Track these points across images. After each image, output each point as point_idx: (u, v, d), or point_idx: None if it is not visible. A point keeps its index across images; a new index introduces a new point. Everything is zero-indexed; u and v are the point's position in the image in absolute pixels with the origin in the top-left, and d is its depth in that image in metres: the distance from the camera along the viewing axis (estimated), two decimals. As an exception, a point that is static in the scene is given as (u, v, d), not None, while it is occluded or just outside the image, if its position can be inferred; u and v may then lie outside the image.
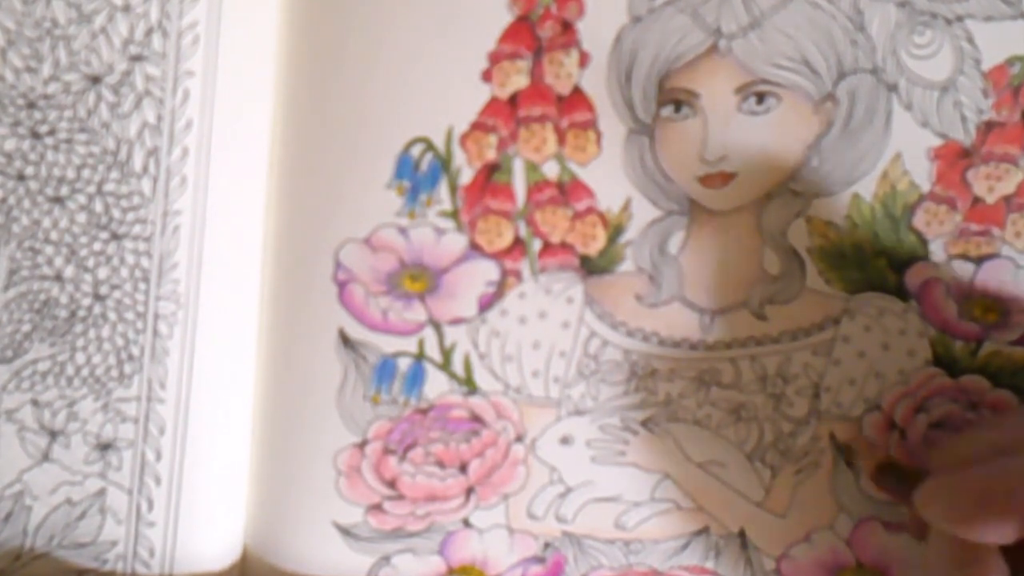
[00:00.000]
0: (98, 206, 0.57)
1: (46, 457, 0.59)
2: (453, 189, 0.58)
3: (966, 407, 0.59)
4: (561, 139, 0.57)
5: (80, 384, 0.58)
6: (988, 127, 0.57)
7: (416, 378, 0.59)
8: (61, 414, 0.58)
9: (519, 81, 0.57)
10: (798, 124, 0.57)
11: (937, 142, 0.57)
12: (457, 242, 0.58)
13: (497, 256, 0.58)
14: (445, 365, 0.59)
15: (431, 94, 0.57)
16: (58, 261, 0.58)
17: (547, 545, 0.61)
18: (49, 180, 0.57)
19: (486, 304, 0.59)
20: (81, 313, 0.58)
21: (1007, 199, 0.58)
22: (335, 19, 0.57)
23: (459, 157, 0.57)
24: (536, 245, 0.58)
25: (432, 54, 0.56)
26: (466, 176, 0.58)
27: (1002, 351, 0.59)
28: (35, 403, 0.58)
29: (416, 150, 0.57)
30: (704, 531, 0.60)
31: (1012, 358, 0.59)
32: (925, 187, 0.57)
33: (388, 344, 0.59)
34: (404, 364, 0.59)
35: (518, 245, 0.58)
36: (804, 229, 0.58)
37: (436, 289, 0.58)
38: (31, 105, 0.57)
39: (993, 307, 0.58)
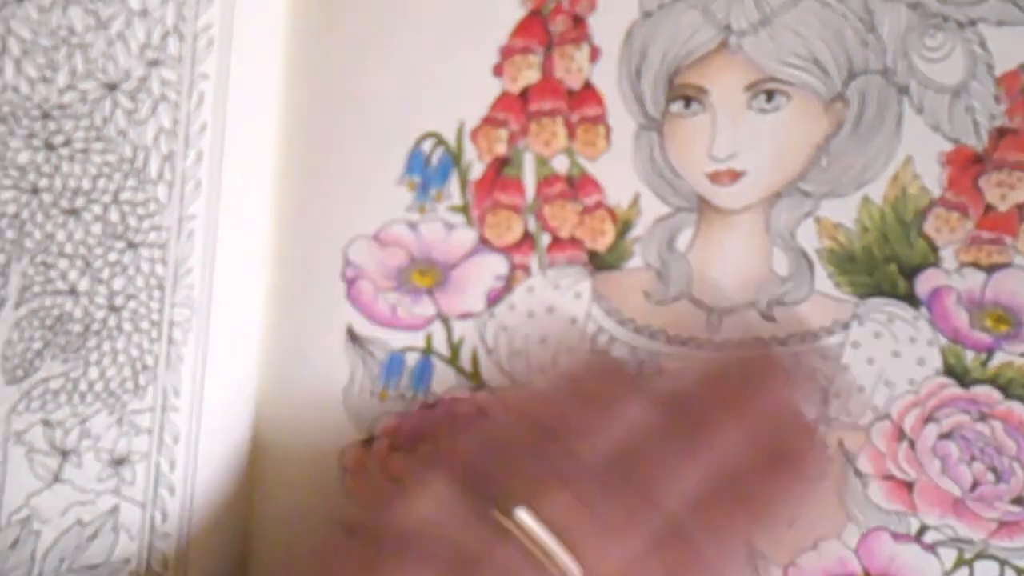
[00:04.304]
0: (114, 215, 0.57)
1: (56, 478, 0.58)
2: (463, 184, 0.58)
3: (976, 418, 0.58)
4: (571, 133, 0.58)
5: (93, 399, 0.58)
6: (1000, 133, 0.57)
7: (424, 373, 0.59)
8: (73, 432, 0.58)
9: (530, 75, 0.57)
10: (808, 123, 0.57)
11: (948, 147, 0.57)
12: (466, 237, 0.58)
13: (506, 250, 0.58)
14: (453, 360, 0.59)
15: (442, 89, 0.57)
16: (72, 274, 0.58)
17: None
18: (64, 192, 0.57)
19: (494, 299, 0.59)
20: (95, 326, 0.58)
21: (1020, 208, 0.57)
22: (346, 14, 0.57)
23: (470, 152, 0.58)
24: (545, 240, 0.58)
25: (443, 49, 0.57)
26: (476, 171, 0.58)
27: (1014, 362, 0.58)
28: (46, 423, 0.58)
29: (427, 145, 0.58)
30: (710, 539, 0.60)
31: (1023, 370, 0.58)
32: (936, 192, 0.57)
33: (396, 339, 0.59)
34: (412, 359, 0.59)
35: (527, 239, 0.58)
36: (813, 230, 0.58)
37: (445, 284, 0.58)
38: (46, 116, 0.57)
39: (1005, 318, 0.58)
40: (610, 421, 0.51)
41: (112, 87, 0.57)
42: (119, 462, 0.58)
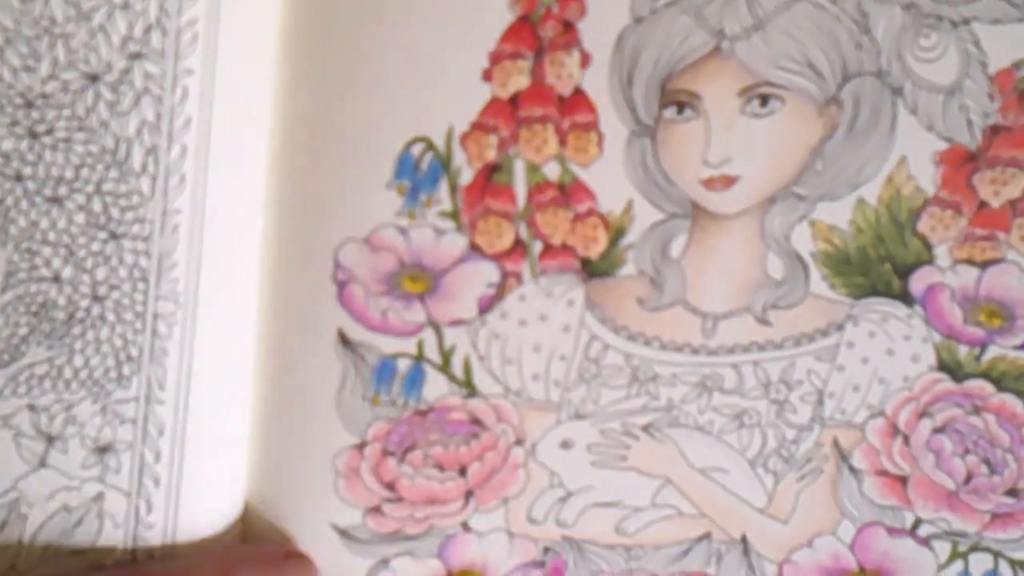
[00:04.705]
0: (97, 205, 0.57)
1: (43, 463, 0.58)
2: (453, 189, 0.57)
3: (970, 412, 0.58)
4: (562, 140, 0.57)
5: (78, 387, 0.58)
6: (994, 131, 0.57)
7: (415, 380, 0.59)
8: (59, 418, 0.58)
9: (520, 81, 0.57)
10: (802, 127, 0.57)
11: (942, 146, 0.57)
12: (457, 243, 0.58)
13: (497, 258, 0.58)
14: (444, 367, 0.59)
15: (431, 93, 0.57)
16: (56, 262, 0.57)
17: (547, 550, 0.60)
18: (47, 180, 0.56)
19: (486, 306, 0.58)
20: (79, 315, 0.57)
21: (1013, 204, 0.57)
22: (335, 16, 0.56)
23: (459, 157, 0.57)
24: (537, 247, 0.58)
25: (433, 53, 0.56)
26: (466, 176, 0.57)
27: (1006, 356, 0.58)
28: (31, 408, 0.57)
29: (416, 149, 0.57)
30: (706, 537, 0.60)
31: (1016, 363, 0.58)
32: (930, 191, 0.57)
33: (387, 345, 0.59)
34: (403, 365, 0.59)
35: (518, 247, 0.58)
36: (808, 233, 0.58)
37: (436, 290, 0.58)
38: (29, 104, 0.56)
39: (998, 312, 0.58)
40: None
41: (94, 78, 0.56)
42: (103, 450, 0.58)
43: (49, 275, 0.57)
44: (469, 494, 0.60)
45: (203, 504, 0.60)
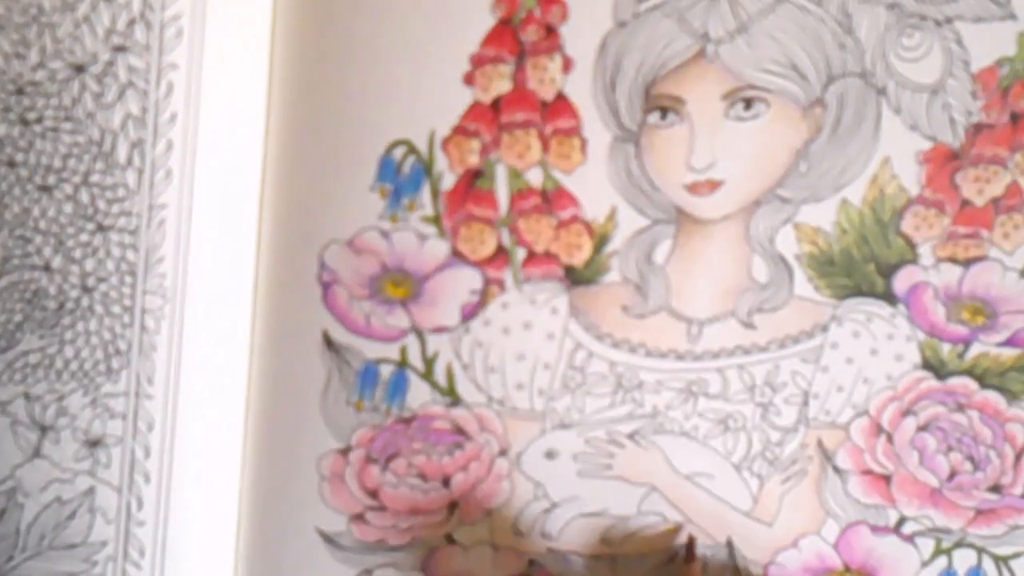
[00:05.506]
0: (84, 196, 0.57)
1: (37, 453, 0.58)
2: (435, 194, 0.57)
3: (953, 409, 0.58)
4: (545, 146, 0.57)
5: (69, 378, 0.58)
6: (977, 129, 0.57)
7: (399, 386, 0.59)
8: (51, 408, 0.58)
9: (502, 85, 0.56)
10: (786, 129, 0.56)
11: (926, 145, 0.57)
12: (439, 248, 0.57)
13: (480, 264, 0.57)
14: (427, 374, 0.58)
15: (413, 96, 0.56)
16: (47, 251, 0.57)
17: (532, 562, 0.60)
18: (38, 168, 0.57)
19: (469, 313, 0.58)
20: (69, 305, 0.57)
21: (995, 201, 0.57)
22: (321, 20, 0.56)
23: (441, 161, 0.57)
24: (520, 254, 0.57)
25: (415, 55, 0.56)
26: (448, 181, 0.57)
27: (989, 352, 0.58)
28: (27, 396, 0.58)
29: (398, 153, 0.57)
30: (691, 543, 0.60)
31: (999, 359, 0.58)
32: (914, 191, 0.57)
33: (371, 349, 0.58)
34: (386, 371, 0.59)
35: (501, 253, 0.57)
36: (792, 236, 0.57)
37: (418, 296, 0.58)
38: (20, 91, 0.56)
39: (981, 310, 0.58)
40: None
41: (80, 69, 0.56)
42: (94, 444, 0.58)
43: (41, 263, 0.57)
44: (453, 505, 0.59)
45: (195, 502, 0.59)
